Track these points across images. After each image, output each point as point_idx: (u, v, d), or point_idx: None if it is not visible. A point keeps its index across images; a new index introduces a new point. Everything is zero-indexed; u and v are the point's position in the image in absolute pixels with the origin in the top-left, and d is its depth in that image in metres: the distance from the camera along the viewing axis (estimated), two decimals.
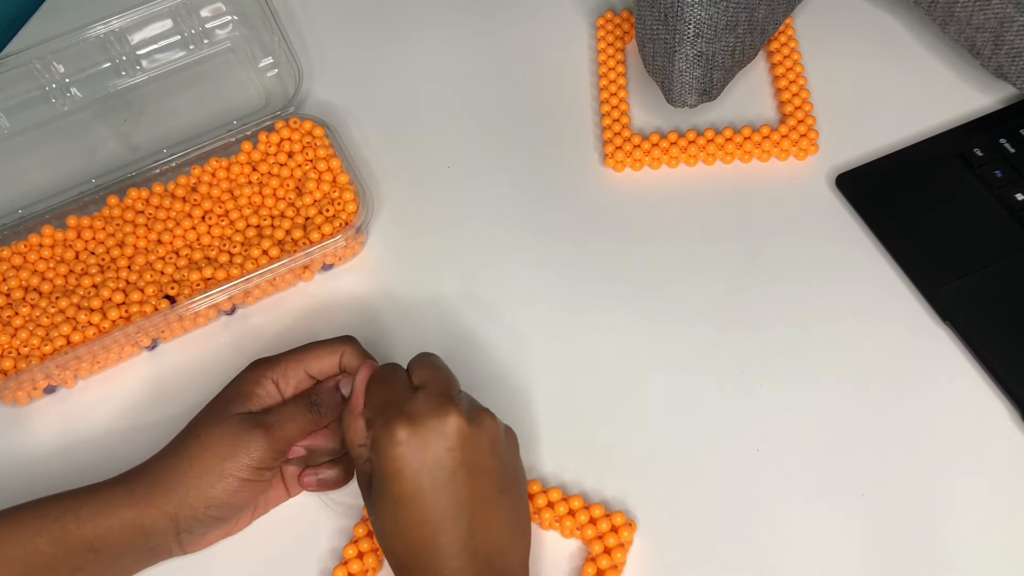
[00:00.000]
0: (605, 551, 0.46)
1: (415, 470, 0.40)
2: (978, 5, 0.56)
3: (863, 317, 0.53)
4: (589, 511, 0.47)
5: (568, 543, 0.48)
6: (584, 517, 0.47)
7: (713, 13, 0.53)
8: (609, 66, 0.63)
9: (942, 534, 0.46)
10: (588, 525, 0.47)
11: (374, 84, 0.66)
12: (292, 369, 0.47)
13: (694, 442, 0.50)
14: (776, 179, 0.59)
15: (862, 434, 0.50)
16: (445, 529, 0.40)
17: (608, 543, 0.46)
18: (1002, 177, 0.56)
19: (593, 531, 0.47)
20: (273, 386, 0.46)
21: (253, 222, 0.57)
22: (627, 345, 0.54)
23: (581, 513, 0.47)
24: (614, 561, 0.46)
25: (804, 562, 0.46)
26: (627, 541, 0.46)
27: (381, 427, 0.41)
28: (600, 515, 0.47)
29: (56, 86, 0.62)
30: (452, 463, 0.40)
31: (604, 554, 0.46)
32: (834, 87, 0.62)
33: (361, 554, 0.47)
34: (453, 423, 0.41)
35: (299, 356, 0.47)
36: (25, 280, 0.56)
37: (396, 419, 0.41)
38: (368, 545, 0.47)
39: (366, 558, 0.47)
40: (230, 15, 0.66)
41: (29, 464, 0.52)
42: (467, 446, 0.41)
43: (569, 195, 0.60)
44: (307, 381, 0.47)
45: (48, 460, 0.52)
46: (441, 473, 0.40)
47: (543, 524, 0.48)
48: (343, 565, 0.47)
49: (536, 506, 0.47)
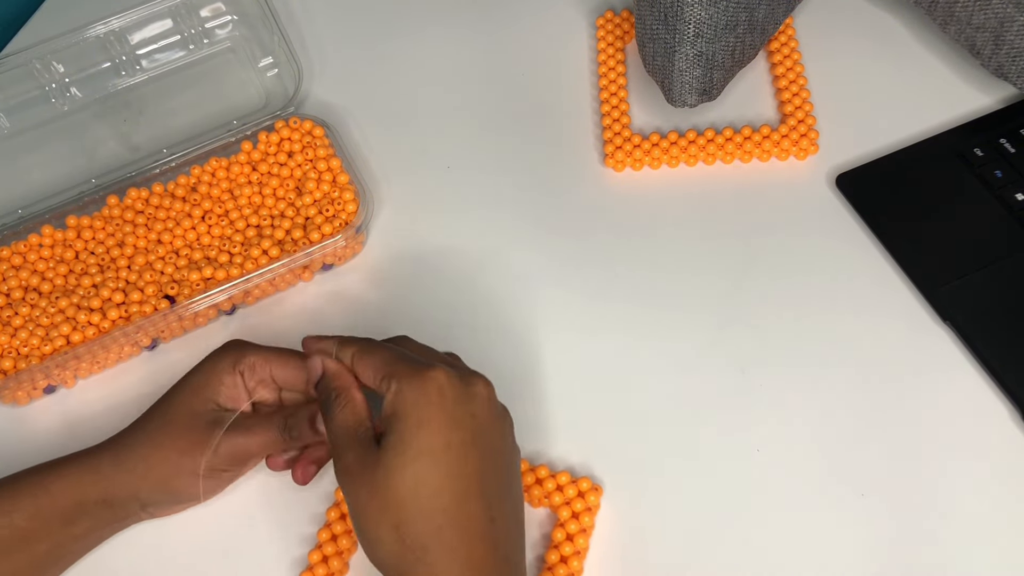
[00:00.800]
0: (573, 516, 0.47)
1: (443, 422, 0.38)
2: (978, 5, 0.56)
3: (863, 317, 0.53)
4: (555, 479, 0.48)
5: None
6: (551, 485, 0.48)
7: (713, 13, 0.53)
8: (609, 66, 0.63)
9: (942, 534, 0.46)
10: (555, 492, 0.48)
11: (374, 84, 0.66)
12: (260, 365, 0.46)
13: (694, 442, 0.50)
14: (776, 179, 0.59)
15: (862, 434, 0.50)
16: (472, 498, 0.38)
17: (575, 508, 0.47)
18: (1002, 177, 0.56)
19: (561, 497, 0.48)
20: (239, 378, 0.46)
21: (253, 222, 0.57)
22: (627, 345, 0.54)
23: (548, 481, 0.48)
24: (582, 525, 0.47)
25: (804, 562, 0.46)
26: (594, 505, 0.47)
27: (410, 372, 0.39)
28: (566, 482, 0.48)
29: (56, 86, 0.62)
30: (474, 430, 0.38)
31: (572, 519, 0.47)
32: (834, 87, 0.62)
33: (335, 536, 0.47)
34: (482, 390, 0.40)
35: (269, 356, 0.46)
36: (25, 280, 0.56)
37: (430, 367, 0.39)
38: (341, 528, 0.47)
39: (340, 540, 0.47)
40: (230, 15, 0.66)
41: (29, 464, 0.52)
42: (489, 420, 0.39)
43: (569, 195, 0.60)
44: (270, 384, 0.46)
45: (48, 460, 0.52)
46: (466, 435, 0.38)
47: (533, 503, 0.48)
48: (317, 548, 0.47)
49: (546, 490, 0.48)
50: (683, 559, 0.47)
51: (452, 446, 0.38)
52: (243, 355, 0.46)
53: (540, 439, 0.51)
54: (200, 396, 0.45)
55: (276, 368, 0.46)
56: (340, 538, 0.47)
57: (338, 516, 0.48)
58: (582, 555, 0.46)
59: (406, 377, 0.39)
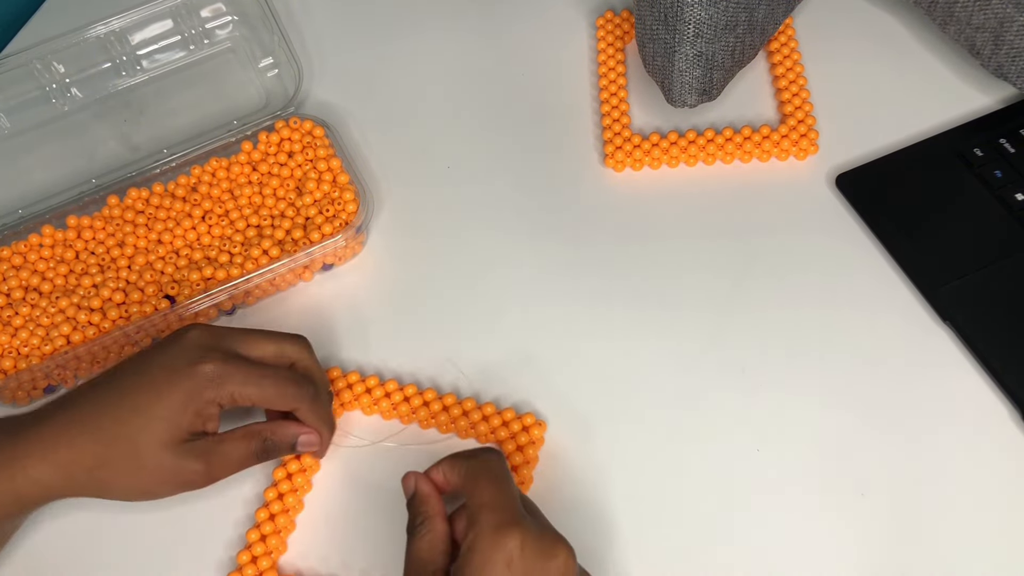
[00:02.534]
0: (518, 449, 0.49)
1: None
2: (978, 5, 0.56)
3: (863, 317, 0.53)
4: (502, 415, 0.50)
5: None
6: (497, 421, 0.50)
7: (713, 13, 0.53)
8: (609, 66, 0.63)
9: (942, 534, 0.46)
10: (501, 427, 0.50)
11: (374, 84, 0.66)
12: (240, 402, 0.44)
13: (694, 441, 0.50)
14: (776, 179, 0.59)
15: (862, 434, 0.50)
16: None
17: (520, 441, 0.49)
18: (1002, 177, 0.56)
19: (506, 432, 0.49)
20: (217, 408, 0.44)
21: (253, 222, 0.57)
22: (627, 345, 0.54)
23: (494, 418, 0.50)
24: (527, 457, 0.49)
25: (804, 562, 0.46)
26: (538, 439, 0.49)
27: (491, 526, 0.37)
28: (512, 417, 0.50)
29: (56, 86, 0.62)
30: None
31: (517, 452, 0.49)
32: (834, 87, 0.62)
33: (272, 516, 0.48)
34: (561, 564, 0.37)
35: (253, 391, 0.44)
36: (25, 280, 0.56)
37: (512, 526, 0.37)
38: (279, 507, 0.48)
39: (277, 519, 0.48)
40: (230, 15, 0.66)
41: None
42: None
43: (569, 195, 0.60)
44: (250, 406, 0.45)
45: None
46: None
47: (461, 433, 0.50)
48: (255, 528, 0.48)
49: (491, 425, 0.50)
50: (683, 559, 0.47)
51: None
52: (223, 389, 0.43)
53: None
54: (174, 429, 0.42)
55: (258, 400, 0.44)
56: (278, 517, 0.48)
57: (276, 496, 0.49)
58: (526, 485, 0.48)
59: (483, 533, 0.38)
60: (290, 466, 0.49)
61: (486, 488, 0.40)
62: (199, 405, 0.43)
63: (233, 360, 0.44)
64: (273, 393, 0.45)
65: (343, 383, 0.52)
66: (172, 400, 0.42)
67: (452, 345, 0.54)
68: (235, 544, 0.49)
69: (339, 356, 0.55)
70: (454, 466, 0.42)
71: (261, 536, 0.48)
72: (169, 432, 0.42)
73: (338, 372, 0.53)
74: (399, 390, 0.52)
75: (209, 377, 0.43)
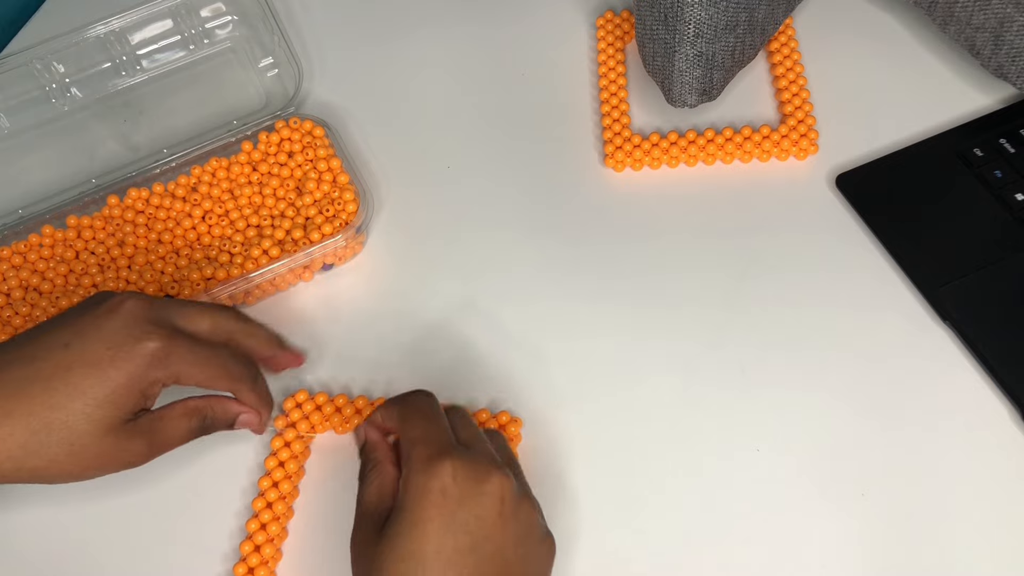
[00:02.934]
0: None
1: (439, 525, 0.36)
2: (978, 5, 0.56)
3: (863, 317, 0.53)
4: (476, 416, 0.50)
5: None
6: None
7: (713, 13, 0.53)
8: (609, 66, 0.63)
9: (942, 534, 0.46)
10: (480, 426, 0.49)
11: (374, 84, 0.66)
12: (188, 380, 0.42)
13: (694, 441, 0.50)
14: (776, 179, 0.59)
15: (862, 434, 0.50)
16: None
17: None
18: (1002, 177, 0.56)
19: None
20: (160, 387, 0.42)
21: (253, 222, 0.57)
22: (627, 345, 0.54)
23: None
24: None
25: (804, 562, 0.46)
26: (515, 435, 0.50)
27: (422, 460, 0.38)
28: (487, 417, 0.50)
29: (56, 86, 0.62)
30: (477, 535, 0.36)
31: None
32: (834, 87, 0.62)
33: (270, 504, 0.48)
34: (496, 488, 0.37)
35: (197, 373, 0.42)
36: (25, 280, 0.56)
37: (443, 456, 0.37)
38: (275, 495, 0.48)
39: (276, 505, 0.48)
40: (230, 15, 0.66)
41: None
42: (498, 524, 0.36)
43: (569, 195, 0.60)
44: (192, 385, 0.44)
45: None
46: (464, 541, 0.36)
47: None
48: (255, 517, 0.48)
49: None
50: (682, 559, 0.47)
51: (443, 552, 0.35)
52: (168, 370, 0.41)
53: (540, 439, 0.51)
54: (117, 412, 0.40)
55: (202, 382, 0.43)
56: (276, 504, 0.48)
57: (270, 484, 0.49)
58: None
59: (415, 466, 0.38)
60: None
61: (416, 425, 0.40)
62: (144, 386, 0.40)
63: (177, 337, 0.42)
64: (218, 375, 0.43)
65: (311, 405, 0.51)
66: (117, 382, 0.39)
67: (452, 343, 0.54)
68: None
69: (339, 357, 0.55)
70: (388, 410, 0.43)
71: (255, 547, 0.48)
72: (113, 416, 0.39)
73: (304, 395, 0.52)
74: (371, 405, 0.51)
75: (156, 356, 0.40)
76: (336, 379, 0.54)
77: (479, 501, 0.37)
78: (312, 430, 0.51)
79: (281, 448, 0.50)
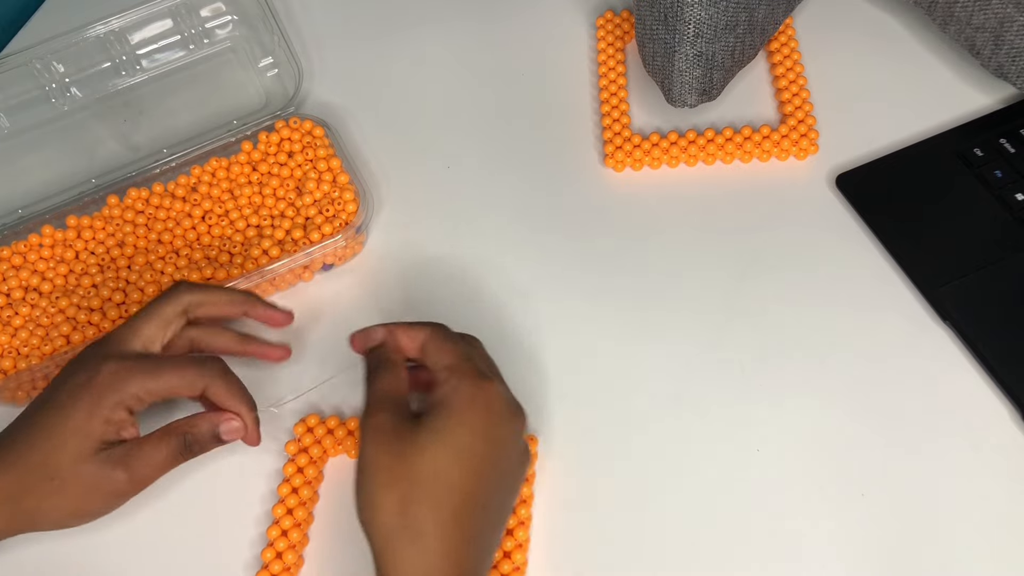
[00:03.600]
0: None
1: (482, 431, 0.40)
2: (978, 5, 0.56)
3: (863, 317, 0.53)
4: None
5: None
6: None
7: (713, 13, 0.53)
8: (609, 66, 0.63)
9: (942, 534, 0.46)
10: None
11: (374, 84, 0.66)
12: (146, 399, 0.43)
13: (693, 442, 0.50)
14: (776, 179, 0.59)
15: (862, 434, 0.50)
16: (477, 505, 0.39)
17: None
18: (1002, 177, 0.56)
19: None
20: (126, 412, 0.43)
21: (253, 222, 0.57)
22: (627, 345, 0.53)
23: None
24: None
25: (804, 562, 0.46)
26: (532, 454, 0.49)
27: (474, 377, 0.41)
28: None
29: (56, 86, 0.62)
30: (500, 449, 0.41)
31: None
32: (834, 87, 0.62)
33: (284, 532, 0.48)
34: (520, 423, 0.42)
35: (154, 382, 0.43)
36: (25, 280, 0.56)
37: (491, 379, 0.42)
38: (290, 522, 0.48)
39: (291, 533, 0.48)
40: (230, 15, 0.66)
41: None
42: (513, 446, 0.42)
43: (569, 195, 0.60)
44: (159, 400, 0.44)
45: None
46: (492, 451, 0.40)
47: None
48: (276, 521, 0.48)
49: None
50: (683, 559, 0.47)
51: (477, 454, 0.40)
52: (123, 389, 0.43)
53: (540, 437, 0.51)
54: (86, 440, 0.42)
55: (162, 391, 0.44)
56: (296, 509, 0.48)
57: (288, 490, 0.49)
58: (528, 503, 0.48)
59: (469, 379, 0.41)
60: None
61: (457, 346, 0.43)
62: (106, 412, 0.42)
63: (129, 359, 0.44)
64: (176, 380, 0.44)
65: (322, 429, 0.51)
66: (77, 413, 0.42)
67: None
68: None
69: (339, 357, 0.55)
70: (411, 332, 0.44)
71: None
72: (82, 445, 0.42)
73: (316, 419, 0.51)
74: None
75: (108, 382, 0.43)
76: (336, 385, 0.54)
77: (508, 427, 0.42)
78: (324, 453, 0.50)
79: (294, 474, 0.49)
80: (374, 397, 0.42)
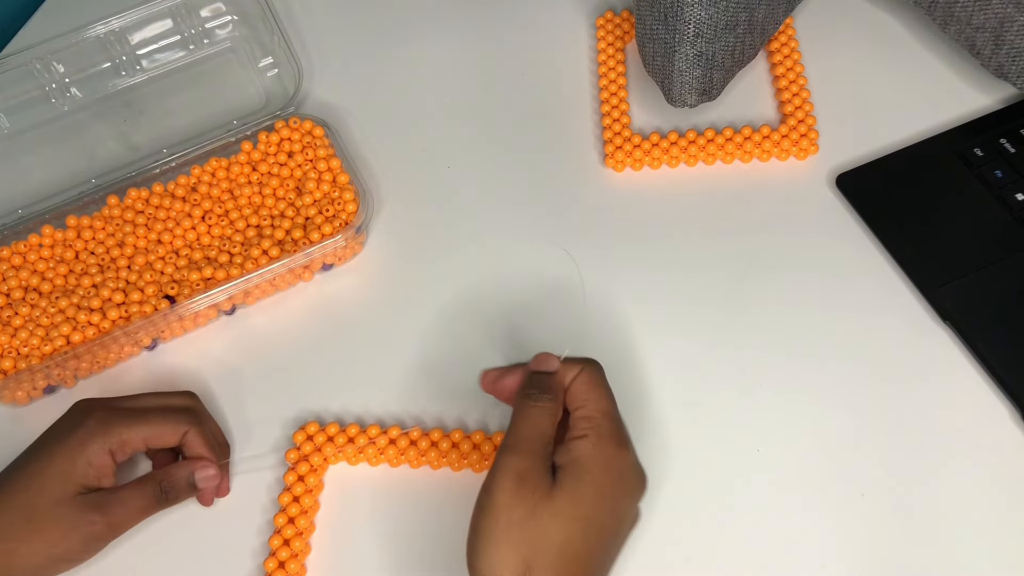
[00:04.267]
0: None
1: (611, 503, 0.39)
2: (978, 5, 0.56)
3: (863, 317, 0.53)
4: (492, 440, 0.50)
5: None
6: (489, 447, 0.50)
7: (713, 13, 0.53)
8: (609, 66, 0.63)
9: (942, 534, 0.46)
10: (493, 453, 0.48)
11: (374, 84, 0.66)
12: (131, 442, 0.45)
13: (694, 441, 0.50)
14: (776, 179, 0.59)
15: (862, 434, 0.50)
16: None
17: None
18: (1002, 177, 0.56)
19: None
20: (109, 458, 0.45)
21: (253, 222, 0.57)
22: (626, 345, 0.53)
23: (486, 444, 0.50)
24: None
25: (804, 562, 0.46)
26: None
27: (614, 438, 0.40)
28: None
29: (56, 86, 0.62)
30: (620, 521, 0.40)
31: None
32: (834, 87, 0.62)
33: (287, 541, 0.48)
34: (641, 492, 0.41)
35: (138, 427, 0.45)
36: (25, 280, 0.56)
37: (627, 444, 0.40)
38: (292, 531, 0.48)
39: (293, 542, 0.48)
40: (230, 15, 0.66)
41: None
42: (630, 518, 0.41)
43: (569, 195, 0.59)
44: (140, 448, 0.46)
45: None
46: (614, 524, 0.39)
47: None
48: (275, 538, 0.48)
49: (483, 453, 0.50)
50: (683, 559, 0.47)
51: (604, 527, 0.39)
52: (110, 433, 0.45)
53: None
54: (67, 483, 0.43)
55: (148, 436, 0.46)
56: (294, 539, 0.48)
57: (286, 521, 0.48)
58: None
59: (609, 442, 0.40)
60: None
61: (604, 398, 0.42)
62: (89, 455, 0.44)
63: (116, 410, 0.46)
64: (159, 426, 0.46)
65: (322, 437, 0.50)
66: (61, 457, 0.44)
67: (451, 343, 0.54)
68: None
69: (339, 357, 0.55)
70: (575, 369, 0.43)
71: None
72: (62, 488, 0.43)
73: (315, 427, 0.51)
74: (383, 433, 0.50)
75: (95, 427, 0.45)
76: (335, 384, 0.54)
77: (633, 499, 0.41)
78: (325, 461, 0.50)
79: (295, 483, 0.49)
80: (524, 434, 0.40)
